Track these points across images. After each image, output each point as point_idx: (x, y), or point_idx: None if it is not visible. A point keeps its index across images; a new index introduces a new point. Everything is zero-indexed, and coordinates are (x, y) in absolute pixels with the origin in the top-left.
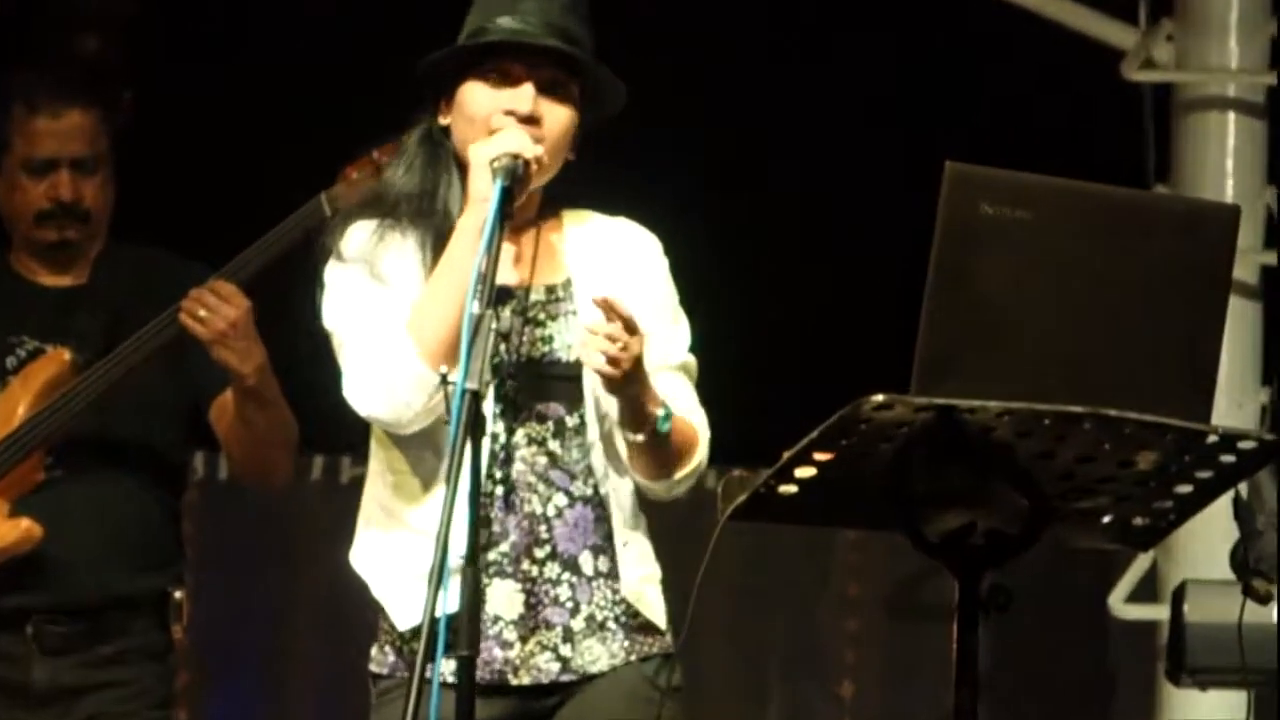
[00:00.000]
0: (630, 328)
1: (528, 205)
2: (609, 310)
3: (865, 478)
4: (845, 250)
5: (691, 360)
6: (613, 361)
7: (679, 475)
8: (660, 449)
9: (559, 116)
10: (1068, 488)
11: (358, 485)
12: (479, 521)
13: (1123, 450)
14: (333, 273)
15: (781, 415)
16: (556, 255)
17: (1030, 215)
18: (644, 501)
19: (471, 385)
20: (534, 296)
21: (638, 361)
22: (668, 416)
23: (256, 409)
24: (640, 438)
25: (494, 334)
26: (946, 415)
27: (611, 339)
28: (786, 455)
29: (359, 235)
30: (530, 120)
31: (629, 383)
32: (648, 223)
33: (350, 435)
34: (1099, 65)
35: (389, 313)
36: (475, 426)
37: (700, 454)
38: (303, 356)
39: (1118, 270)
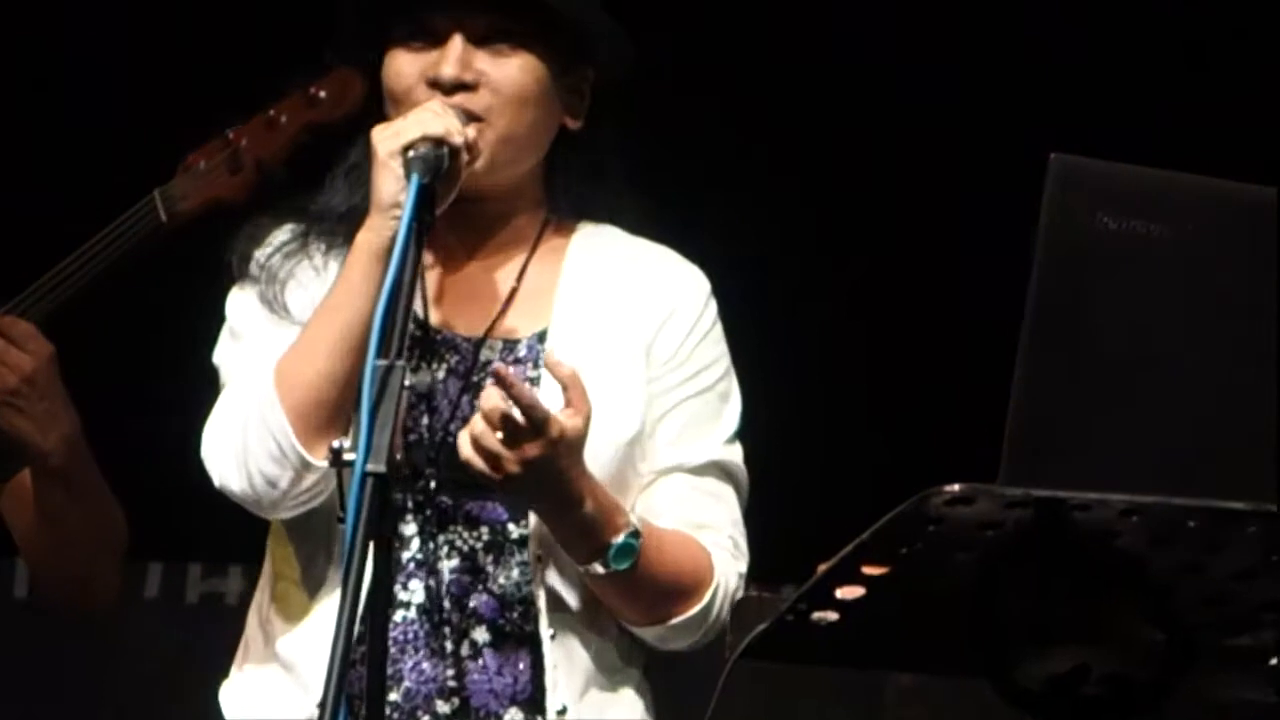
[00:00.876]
0: (534, 424)
1: (504, 213)
2: (503, 387)
3: (933, 601)
4: (908, 286)
5: (732, 457)
6: (491, 461)
7: (675, 622)
8: (629, 588)
9: (510, 72)
10: (1219, 617)
11: (211, 605)
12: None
13: None
14: (230, 297)
15: (818, 514)
16: (544, 292)
17: (1169, 230)
18: (633, 646)
19: (375, 466)
20: (486, 353)
21: (551, 460)
22: (626, 549)
23: (65, 499)
24: (597, 569)
25: (408, 394)
26: (1050, 513)
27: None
28: (823, 569)
29: (267, 249)
30: (461, 87)
31: (533, 490)
32: (696, 255)
33: (202, 535)
34: None
35: (271, 355)
36: (380, 523)
37: (713, 595)
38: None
39: None
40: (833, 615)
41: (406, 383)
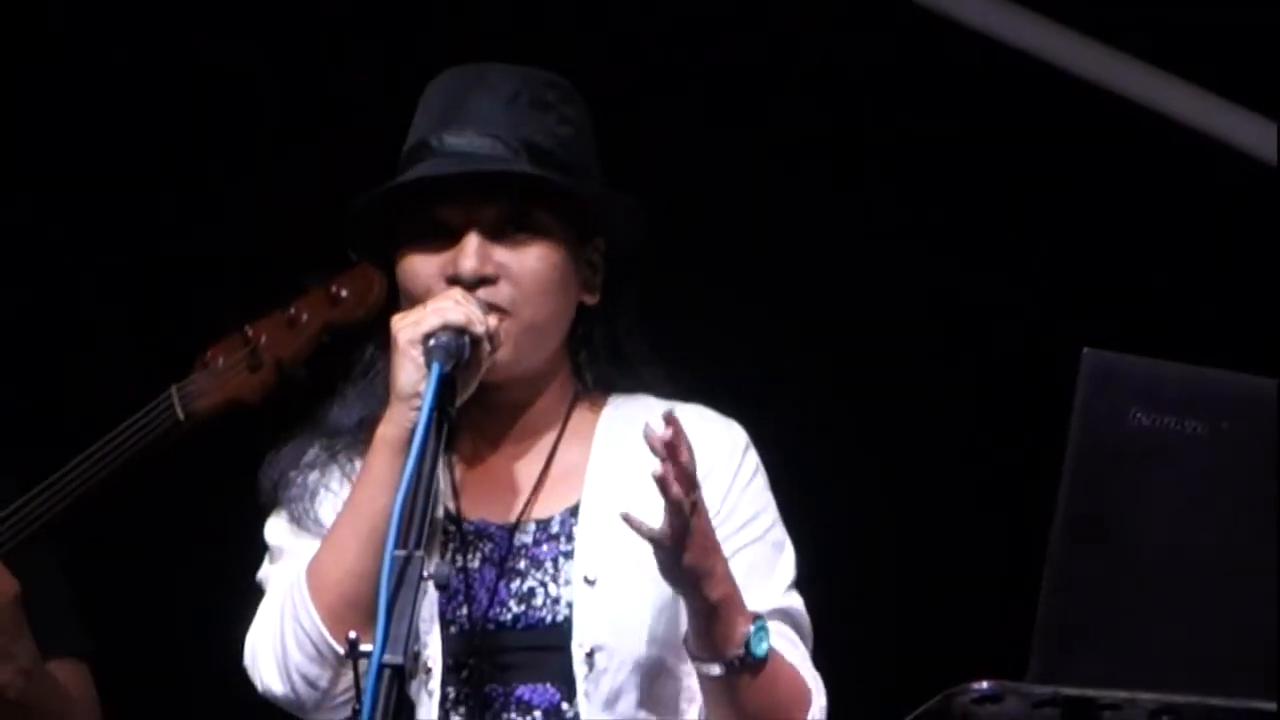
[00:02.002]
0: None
1: (530, 398)
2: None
3: None
4: (942, 476)
5: (795, 603)
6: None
7: None
8: (753, 692)
9: (529, 263)
10: None
11: None
12: None
13: None
14: (268, 521)
15: (843, 707)
16: (576, 470)
17: (1205, 428)
18: None
19: (392, 658)
20: (520, 538)
21: (705, 524)
22: (762, 632)
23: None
24: (720, 668)
25: (426, 584)
26: (1080, 712)
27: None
28: None
29: (295, 472)
30: (482, 281)
31: (693, 558)
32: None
33: None
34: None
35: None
36: (397, 716)
37: (812, 715)
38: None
39: None
40: None
41: (425, 574)
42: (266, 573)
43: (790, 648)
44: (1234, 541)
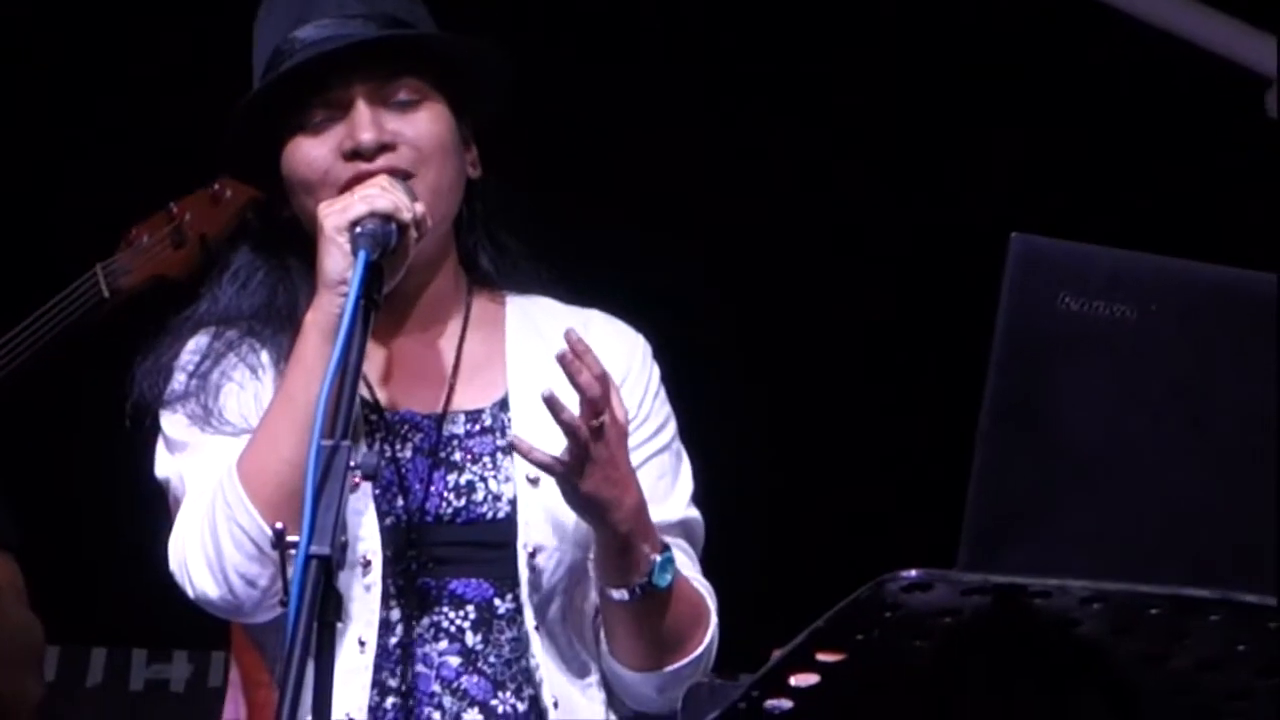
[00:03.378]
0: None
1: (428, 283)
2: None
3: (890, 688)
4: (866, 364)
5: (694, 516)
6: (581, 425)
7: (680, 664)
8: (654, 617)
9: (422, 126)
10: (1185, 706)
11: (156, 692)
12: None
13: (1266, 652)
14: (164, 418)
15: (772, 598)
16: (492, 362)
17: (1133, 312)
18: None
19: (319, 549)
20: (450, 428)
21: (615, 448)
22: (668, 564)
23: None
24: (623, 594)
25: (353, 473)
26: (1010, 600)
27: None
28: (778, 654)
29: (185, 365)
30: (383, 149)
31: (599, 486)
32: (632, 317)
33: (146, 619)
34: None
35: (223, 461)
36: (323, 607)
37: (709, 637)
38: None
39: (1260, 395)
40: (786, 703)
41: (352, 463)
42: (172, 469)
43: (688, 562)
44: (1165, 425)
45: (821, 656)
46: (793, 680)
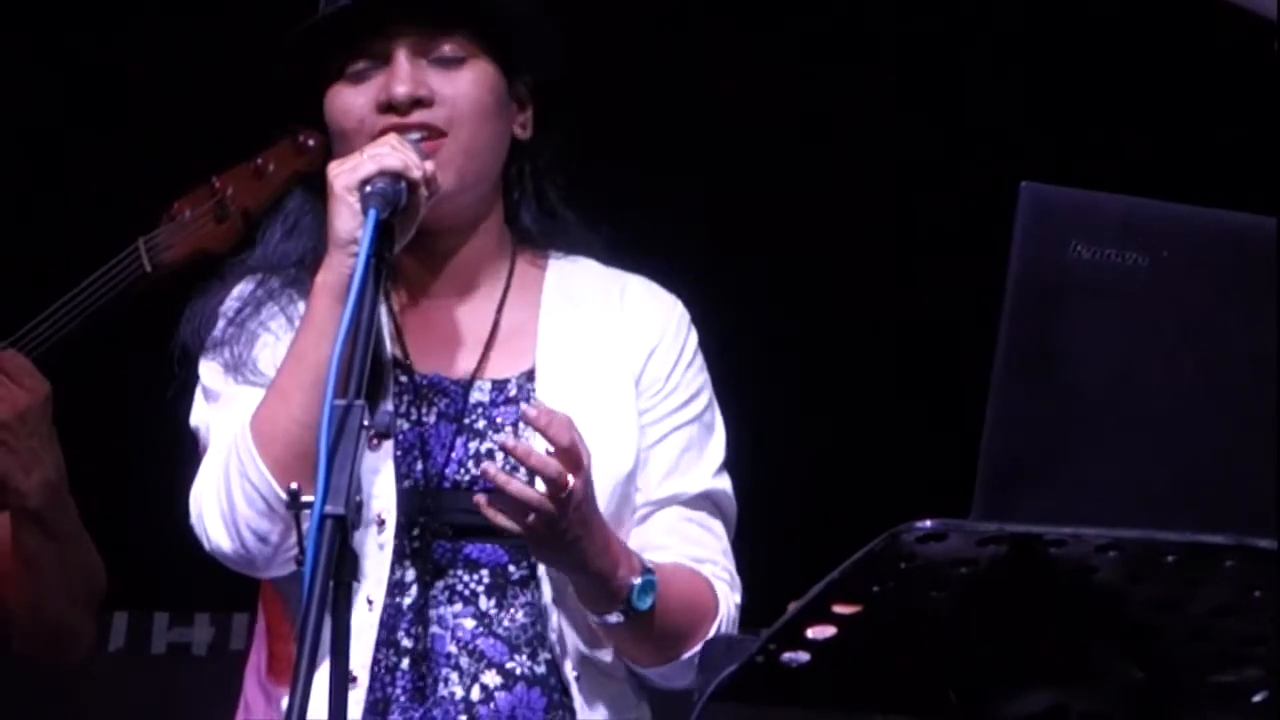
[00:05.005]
0: (571, 459)
1: (471, 246)
2: (540, 426)
3: (907, 640)
4: (879, 317)
5: (723, 486)
6: (530, 515)
7: (686, 657)
8: (644, 630)
9: (462, 86)
10: (1201, 652)
11: (178, 655)
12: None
13: None
14: (201, 364)
15: (788, 551)
16: (525, 329)
17: (1145, 259)
18: (640, 685)
19: (333, 509)
20: (475, 395)
21: (577, 510)
22: (648, 587)
23: (41, 543)
24: (607, 619)
25: (368, 435)
26: (1025, 549)
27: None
28: (793, 606)
29: (226, 312)
30: (417, 104)
31: (562, 544)
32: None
33: (168, 583)
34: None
35: (248, 413)
36: (339, 566)
37: (718, 629)
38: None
39: (1272, 340)
40: (804, 656)
41: (366, 423)
42: (203, 418)
43: (708, 539)
44: (1178, 372)
45: (838, 608)
46: (809, 633)
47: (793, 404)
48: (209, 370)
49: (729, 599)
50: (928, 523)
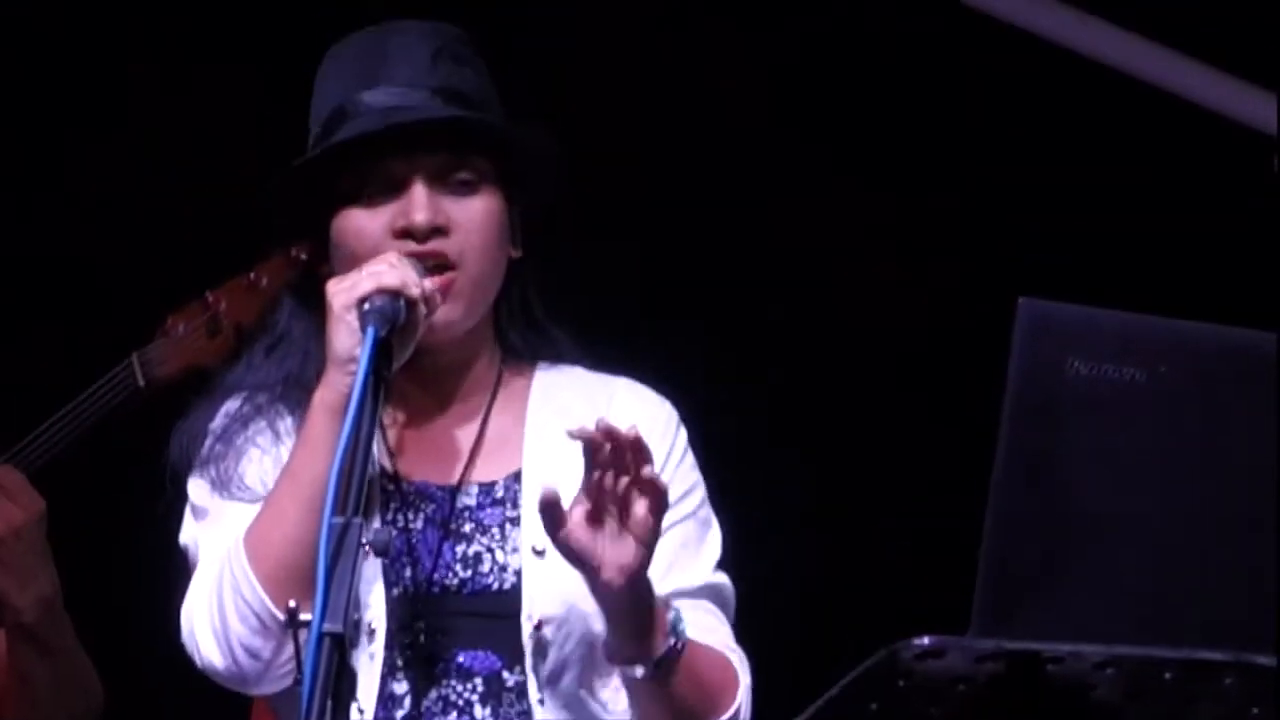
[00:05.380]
0: (638, 453)
1: (461, 360)
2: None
3: None
4: (880, 431)
5: (720, 581)
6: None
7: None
8: (680, 686)
9: (474, 214)
10: None
11: None
12: None
13: None
14: (189, 482)
15: (787, 667)
16: (512, 435)
17: (1142, 374)
18: None
19: (332, 627)
20: (463, 500)
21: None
22: (679, 623)
23: (36, 660)
24: (641, 671)
25: (365, 552)
26: (1023, 666)
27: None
28: None
29: (213, 429)
30: (435, 232)
31: (648, 554)
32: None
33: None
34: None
35: (237, 529)
36: (337, 685)
37: (738, 701)
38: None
39: (1268, 455)
40: None
41: (364, 540)
42: (192, 535)
43: (717, 625)
44: (1176, 486)
45: None
46: None
47: (790, 513)
48: (197, 488)
49: (745, 677)
50: (925, 640)
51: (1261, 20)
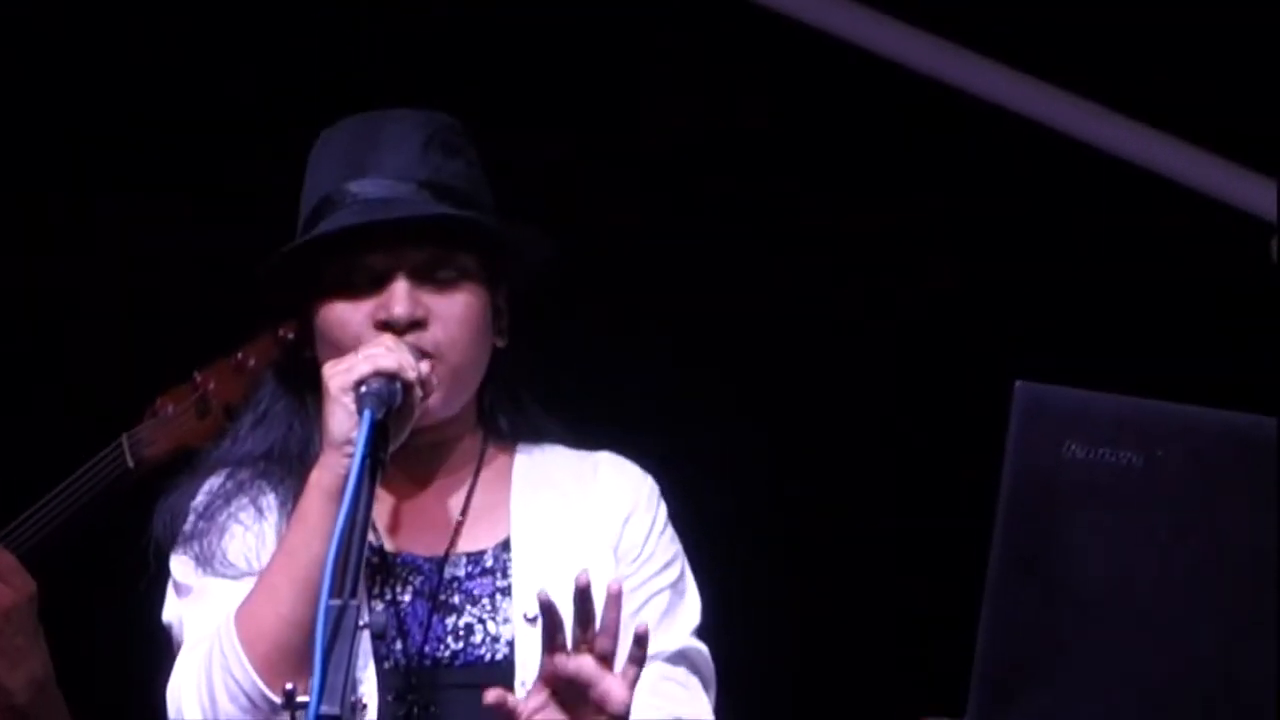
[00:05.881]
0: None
1: (446, 439)
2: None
3: None
4: (873, 510)
5: (694, 646)
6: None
7: None
8: None
9: (456, 308)
10: None
11: None
12: None
13: None
14: (172, 560)
15: None
16: (497, 507)
17: (1139, 458)
18: None
19: (329, 709)
20: (451, 570)
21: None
22: None
23: None
24: None
25: (362, 633)
26: None
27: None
28: None
29: (196, 506)
30: (415, 325)
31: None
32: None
33: None
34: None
35: (222, 606)
36: None
37: None
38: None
39: (1267, 540)
40: None
41: (361, 622)
42: (176, 613)
43: (688, 697)
44: (1174, 571)
45: None
46: None
47: (776, 591)
48: (180, 565)
49: None
50: None
51: (1261, 107)
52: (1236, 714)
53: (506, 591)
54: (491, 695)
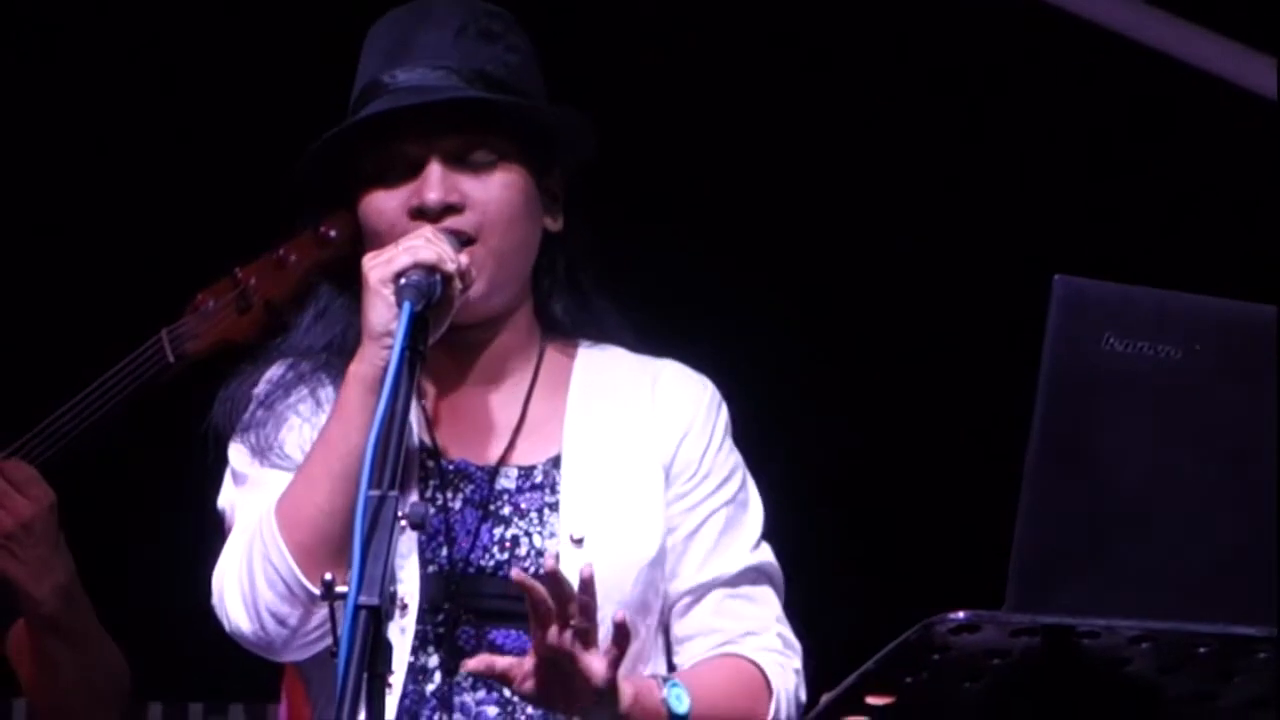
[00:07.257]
0: (585, 605)
1: (501, 337)
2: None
3: None
4: (915, 407)
5: (764, 558)
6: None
7: None
8: None
9: (493, 191)
10: None
11: None
12: None
13: None
14: (230, 447)
15: (821, 640)
16: (553, 417)
17: (1177, 351)
18: None
19: (368, 600)
20: (501, 482)
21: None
22: (678, 696)
23: (59, 647)
24: None
25: (401, 526)
26: (1058, 640)
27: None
28: (826, 698)
29: (257, 395)
30: (450, 210)
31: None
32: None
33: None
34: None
35: (272, 497)
36: (373, 658)
37: (776, 709)
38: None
39: None
40: None
41: (400, 514)
42: (229, 500)
43: (752, 608)
44: (1210, 464)
45: (871, 700)
46: None
47: (826, 488)
48: (237, 453)
49: (784, 674)
50: (961, 614)
51: None
52: (1272, 607)
53: (555, 508)
54: (516, 573)
